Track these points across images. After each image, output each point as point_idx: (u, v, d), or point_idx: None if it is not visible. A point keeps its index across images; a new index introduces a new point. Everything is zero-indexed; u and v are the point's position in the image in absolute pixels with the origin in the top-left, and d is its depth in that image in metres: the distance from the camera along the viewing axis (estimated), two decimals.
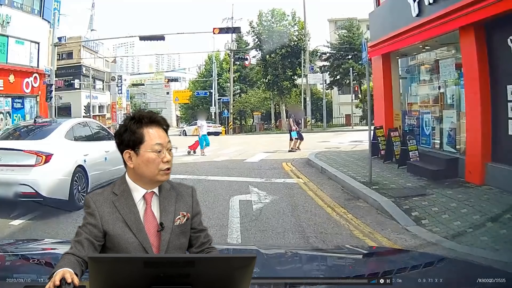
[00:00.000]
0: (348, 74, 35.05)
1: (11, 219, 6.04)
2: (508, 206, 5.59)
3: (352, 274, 1.76)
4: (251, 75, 45.31)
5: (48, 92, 21.47)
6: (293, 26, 38.73)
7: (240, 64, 44.02)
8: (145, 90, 74.36)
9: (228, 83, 43.18)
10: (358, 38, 36.02)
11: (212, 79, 43.29)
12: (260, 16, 39.31)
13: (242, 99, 43.55)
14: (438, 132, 9.01)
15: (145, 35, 23.64)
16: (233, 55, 41.04)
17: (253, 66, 43.44)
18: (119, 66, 59.35)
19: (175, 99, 56.56)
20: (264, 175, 9.60)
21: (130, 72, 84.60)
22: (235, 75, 43.01)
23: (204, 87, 46.83)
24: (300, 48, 35.91)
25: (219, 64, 46.09)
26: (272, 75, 36.94)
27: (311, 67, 35.38)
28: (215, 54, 45.96)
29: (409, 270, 1.65)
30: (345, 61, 36.67)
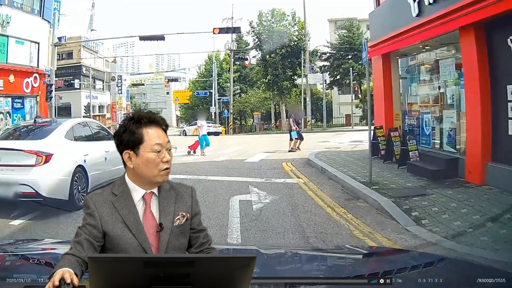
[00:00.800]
0: (348, 74, 34.97)
1: (11, 219, 6.03)
2: (508, 206, 5.59)
3: (352, 274, 1.76)
4: (251, 75, 45.20)
5: (48, 92, 21.40)
6: (293, 26, 38.64)
7: (240, 64, 43.86)
8: (145, 90, 74.20)
9: (228, 83, 43.04)
10: (358, 38, 35.82)
11: (212, 79, 43.10)
12: (260, 16, 39.24)
13: (242, 99, 43.51)
14: (438, 132, 9.00)
15: (145, 35, 23.60)
16: (233, 55, 40.89)
17: (253, 66, 43.27)
18: (119, 66, 59.22)
19: (175, 99, 56.39)
20: (264, 175, 9.59)
21: (130, 72, 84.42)
22: (235, 75, 42.79)
23: (204, 87, 46.72)
24: (300, 48, 35.80)
25: (219, 64, 45.96)
26: (272, 75, 36.85)
27: (311, 67, 35.23)
28: (215, 54, 45.82)
29: (409, 270, 1.66)
30: (345, 61, 36.53)
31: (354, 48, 35.22)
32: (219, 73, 44.48)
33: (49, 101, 21.56)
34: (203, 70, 51.25)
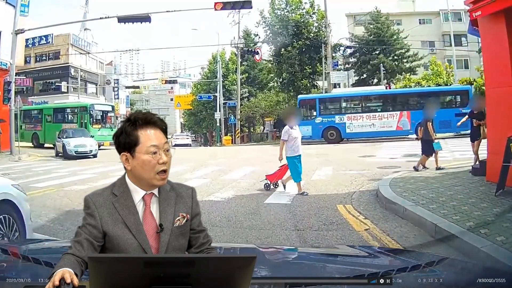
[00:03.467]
0: (376, 72, 31.03)
1: None
2: None
3: (352, 274, 1.76)
4: (261, 77, 40.92)
5: (5, 92, 17.97)
6: (311, 16, 32.87)
7: (248, 64, 39.74)
8: (148, 96, 72.67)
9: (234, 85, 38.08)
10: (388, 29, 32.52)
11: (217, 80, 37.85)
12: (273, 3, 33.56)
13: (251, 103, 38.07)
14: None
15: (125, 16, 18.70)
16: (240, 53, 35.41)
17: (263, 67, 39.25)
18: (118, 69, 57.03)
19: (176, 105, 50.00)
20: (309, 236, 5.20)
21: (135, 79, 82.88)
22: (242, 76, 37.88)
23: (208, 90, 42.01)
24: (320, 41, 30.51)
25: (225, 65, 41.45)
26: (288, 73, 31.93)
27: (334, 63, 30.25)
28: (221, 53, 41.13)
29: (409, 270, 1.65)
30: (373, 56, 32.15)
31: (383, 41, 31.83)
32: (224, 74, 39.74)
33: (6, 102, 18.24)
34: (206, 71, 46.22)
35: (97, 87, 44.32)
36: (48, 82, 35.52)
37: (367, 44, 32.84)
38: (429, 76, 29.99)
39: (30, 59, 39.00)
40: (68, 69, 38.94)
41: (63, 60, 38.66)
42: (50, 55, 39.13)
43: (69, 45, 38.84)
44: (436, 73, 29.86)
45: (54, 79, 36.62)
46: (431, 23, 40.04)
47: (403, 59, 33.46)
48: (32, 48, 38.86)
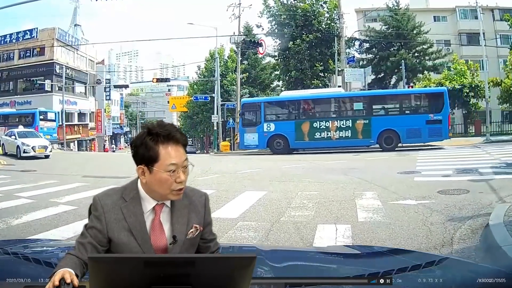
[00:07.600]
0: (396, 70, 27.93)
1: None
2: None
3: (352, 274, 1.76)
4: (263, 76, 37.28)
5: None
6: (322, 6, 29.32)
7: (249, 63, 36.09)
8: (145, 99, 71.37)
9: (234, 85, 33.78)
10: (408, 21, 29.29)
11: (214, 79, 32.92)
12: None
13: None
14: None
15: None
16: (240, 50, 31.15)
17: (266, 65, 35.78)
18: (113, 69, 53.94)
19: (171, 107, 44.33)
20: None
21: (133, 81, 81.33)
22: (243, 75, 33.47)
23: (205, 90, 37.68)
24: (333, 34, 27.01)
25: (223, 63, 37.50)
26: (296, 70, 28.26)
27: (350, 59, 26.26)
28: (219, 50, 37.45)
29: (409, 270, 1.65)
30: (392, 52, 28.47)
31: (403, 34, 28.47)
32: (223, 74, 35.94)
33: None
34: (203, 69, 41.31)
35: (85, 86, 41.23)
36: (30, 80, 31.99)
37: (385, 38, 29.10)
38: (452, 76, 27.41)
39: (14, 56, 36.64)
40: (53, 66, 35.52)
41: (47, 57, 35.67)
42: (34, 52, 36.11)
43: (54, 39, 35.61)
44: (459, 72, 27.43)
45: (38, 77, 33.27)
46: (447, 20, 37.21)
47: (425, 55, 30.42)
48: (16, 44, 36.43)
